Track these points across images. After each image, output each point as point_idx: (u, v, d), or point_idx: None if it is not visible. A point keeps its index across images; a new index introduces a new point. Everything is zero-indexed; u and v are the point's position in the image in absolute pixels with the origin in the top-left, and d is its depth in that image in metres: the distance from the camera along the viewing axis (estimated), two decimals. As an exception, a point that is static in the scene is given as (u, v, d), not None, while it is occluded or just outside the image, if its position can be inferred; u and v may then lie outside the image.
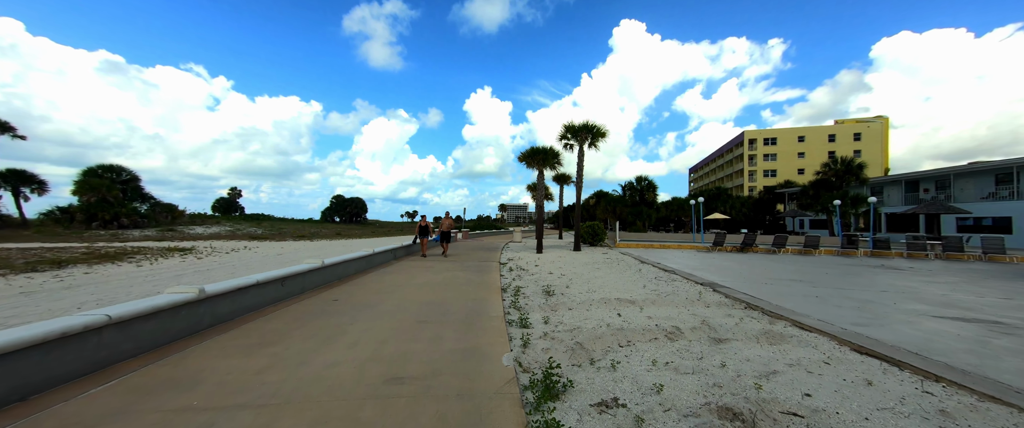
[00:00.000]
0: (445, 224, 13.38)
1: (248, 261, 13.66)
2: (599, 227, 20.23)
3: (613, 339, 4.34)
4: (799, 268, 11.65)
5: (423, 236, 12.93)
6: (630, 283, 8.30)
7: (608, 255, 15.21)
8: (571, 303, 6.31)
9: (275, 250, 18.67)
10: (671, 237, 27.11)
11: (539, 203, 17.81)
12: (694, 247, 18.84)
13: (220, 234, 31.90)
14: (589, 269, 10.81)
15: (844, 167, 32.09)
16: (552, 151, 17.36)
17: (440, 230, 13.52)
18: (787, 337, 4.38)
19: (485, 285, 7.76)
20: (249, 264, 12.62)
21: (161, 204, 35.13)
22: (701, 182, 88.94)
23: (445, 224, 13.38)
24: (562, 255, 15.26)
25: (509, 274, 9.82)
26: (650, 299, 6.52)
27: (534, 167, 17.87)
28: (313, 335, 4.31)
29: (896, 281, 9.17)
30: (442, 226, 13.35)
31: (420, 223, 12.97)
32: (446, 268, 10.31)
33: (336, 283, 7.74)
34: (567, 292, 7.31)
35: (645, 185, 39.15)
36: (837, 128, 57.79)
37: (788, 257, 15.11)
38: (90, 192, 27.88)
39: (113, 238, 24.31)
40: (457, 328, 4.64)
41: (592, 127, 17.29)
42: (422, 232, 12.94)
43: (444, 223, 13.42)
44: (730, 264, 12.61)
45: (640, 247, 19.10)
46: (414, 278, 8.58)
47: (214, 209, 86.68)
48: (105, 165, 32.76)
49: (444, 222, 13.47)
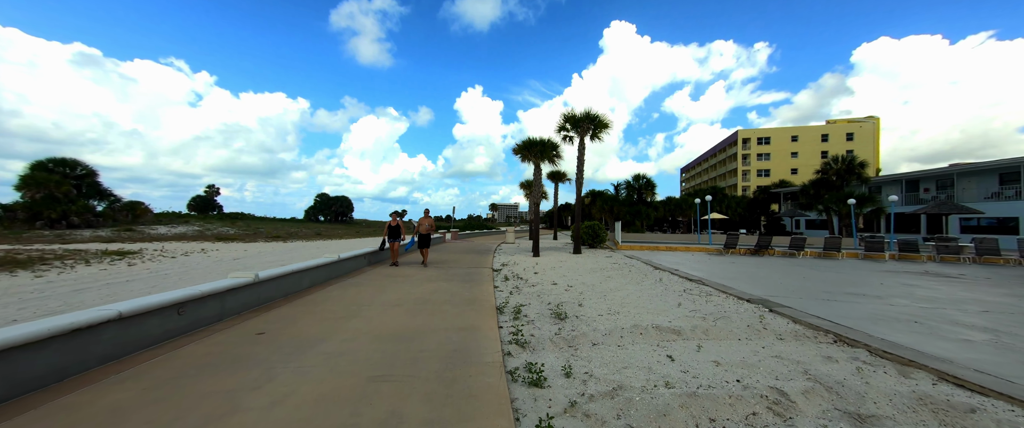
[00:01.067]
0: (424, 225, 10.69)
1: (191, 268, 11.57)
2: (599, 227, 18.61)
3: (688, 419, 2.61)
4: (840, 276, 10.17)
5: (393, 239, 10.29)
6: (657, 298, 6.62)
7: (613, 258, 13.57)
8: (594, 333, 4.58)
9: (236, 253, 16.53)
10: (673, 238, 25.71)
11: (535, 201, 16.09)
12: (702, 249, 17.36)
13: (186, 234, 29.35)
14: (599, 277, 9.12)
15: (845, 166, 31.22)
16: (550, 143, 15.64)
17: (418, 232, 10.82)
18: (972, 410, 2.72)
19: (475, 303, 5.98)
20: (190, 272, 10.55)
21: (122, 202, 32.26)
22: (693, 182, 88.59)
23: (424, 225, 10.69)
24: (562, 259, 13.56)
25: (505, 285, 8.05)
26: (698, 326, 4.83)
27: (529, 161, 16.14)
28: (175, 420, 2.48)
29: (982, 295, 7.70)
30: (420, 227, 10.72)
31: (390, 222, 10.41)
32: (427, 278, 8.48)
33: (278, 302, 5.85)
34: (583, 313, 5.58)
35: (643, 184, 37.76)
36: (830, 128, 57.63)
37: (810, 261, 13.70)
38: (36, 188, 25.08)
39: (56, 239, 21.74)
40: (429, 392, 2.86)
41: (595, 117, 15.63)
42: (392, 234, 10.31)
43: (422, 224, 10.72)
44: (755, 270, 11.08)
45: (645, 249, 17.55)
46: (384, 293, 6.74)
47: (190, 208, 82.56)
48: (57, 159, 29.77)
49: (422, 222, 10.78)
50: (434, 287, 7.38)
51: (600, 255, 15.09)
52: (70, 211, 25.30)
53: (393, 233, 10.41)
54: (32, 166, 28.07)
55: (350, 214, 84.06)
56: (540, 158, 15.55)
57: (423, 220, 10.84)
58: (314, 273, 7.34)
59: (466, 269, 10.20)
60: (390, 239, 10.39)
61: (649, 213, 33.52)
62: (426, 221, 10.79)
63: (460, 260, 12.29)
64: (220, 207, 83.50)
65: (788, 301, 6.59)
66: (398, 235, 10.38)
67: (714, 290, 7.39)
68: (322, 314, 5.27)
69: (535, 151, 15.31)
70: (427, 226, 10.73)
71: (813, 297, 7.07)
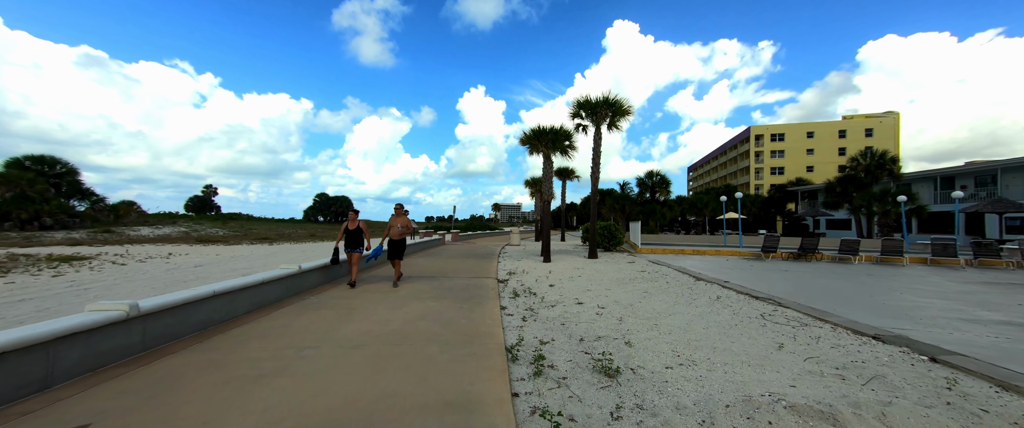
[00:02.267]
0: (396, 226, 7.45)
1: (129, 278, 9.66)
2: (616, 228, 16.61)
3: None
4: (943, 288, 8.13)
5: (351, 248, 7.19)
6: (737, 332, 4.64)
7: (637, 264, 11.57)
8: (681, 418, 2.61)
9: (207, 258, 14.67)
10: (692, 239, 23.68)
11: (545, 198, 14.10)
12: (734, 252, 15.32)
13: (169, 236, 27.60)
14: (633, 292, 7.14)
15: (875, 161, 29.08)
16: (562, 132, 13.66)
17: (387, 237, 7.69)
18: None
19: (475, 341, 4.02)
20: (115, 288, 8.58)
21: (104, 202, 30.55)
22: (701, 181, 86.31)
23: (396, 226, 7.45)
24: (578, 266, 11.58)
25: (515, 304, 6.09)
26: (850, 399, 2.86)
27: (538, 152, 14.18)
28: None
29: None
30: (390, 231, 7.52)
31: (346, 223, 7.25)
32: (410, 296, 6.53)
33: (175, 345, 3.91)
34: (640, 362, 3.62)
35: (657, 181, 35.57)
36: (848, 123, 55.26)
37: (871, 268, 11.65)
38: (5, 186, 23.39)
39: (25, 241, 19.99)
40: None
41: (614, 102, 13.64)
42: (350, 240, 7.18)
43: (394, 225, 7.48)
44: (821, 281, 9.07)
45: (667, 253, 15.54)
46: (347, 323, 4.79)
47: (187, 208, 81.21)
48: (34, 156, 28.05)
49: (394, 223, 7.51)
50: (421, 309, 5.43)
51: (620, 260, 13.09)
52: (43, 211, 23.57)
53: (353, 239, 7.21)
54: (7, 163, 26.40)
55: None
56: (551, 149, 13.58)
57: (395, 219, 7.56)
58: (259, 291, 5.40)
59: (465, 280, 8.25)
60: (348, 248, 7.19)
61: (664, 212, 31.40)
62: (399, 221, 7.50)
63: (459, 268, 10.33)
64: (218, 207, 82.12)
65: (938, 337, 4.59)
66: (360, 242, 7.27)
67: (809, 317, 5.39)
68: (231, 369, 3.32)
69: (545, 141, 13.34)
70: (401, 228, 7.44)
71: (967, 330, 5.05)
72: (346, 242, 7.25)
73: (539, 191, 30.02)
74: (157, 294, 5.77)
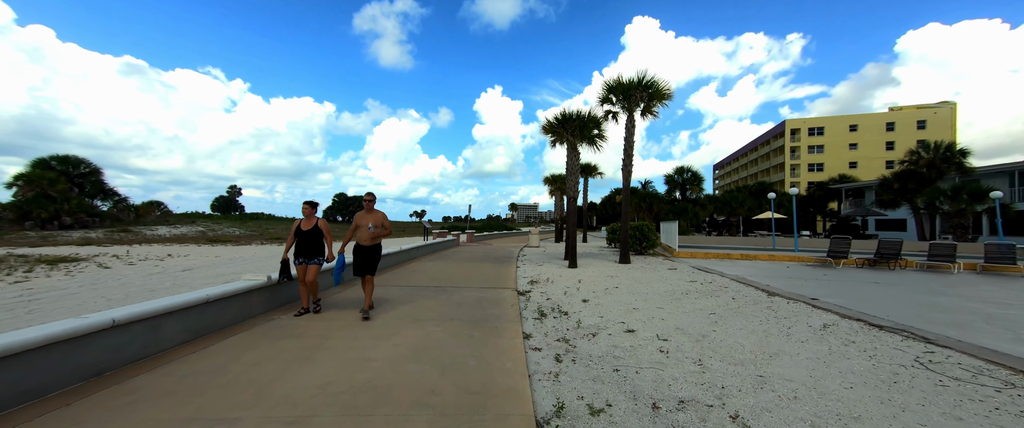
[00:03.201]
0: (364, 225, 5.05)
1: (95, 283, 8.61)
2: (649, 229, 14.76)
3: None
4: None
5: (306, 259, 4.88)
6: (914, 402, 2.91)
7: (682, 272, 9.76)
8: None
9: (208, 259, 13.77)
10: (731, 242, 21.46)
11: (571, 194, 12.43)
12: (793, 258, 13.21)
13: (185, 236, 27.45)
14: (700, 317, 5.43)
15: (940, 154, 25.83)
16: (591, 118, 11.97)
17: (349, 241, 5.30)
18: None
19: (486, 410, 2.46)
20: (94, 290, 7.52)
21: (126, 202, 30.82)
22: (727, 180, 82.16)
23: (364, 225, 5.05)
24: (611, 273, 9.88)
25: (540, 330, 4.51)
26: None
27: (563, 142, 12.53)
28: None
29: None
30: (356, 233, 5.10)
31: (298, 222, 4.98)
32: (404, 319, 5.05)
33: (48, 401, 2.52)
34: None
35: (688, 178, 33.06)
36: (896, 115, 50.82)
37: (978, 278, 9.45)
38: (27, 186, 23.64)
39: (41, 240, 19.88)
40: None
41: (650, 84, 11.84)
42: (304, 246, 4.90)
43: (362, 225, 5.05)
44: (943, 299, 7.08)
45: (710, 257, 13.59)
46: (304, 366, 3.33)
47: (213, 208, 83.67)
48: (59, 156, 28.46)
49: (362, 221, 5.07)
50: (416, 339, 3.93)
51: (658, 266, 11.29)
52: (63, 211, 23.64)
53: (307, 245, 4.89)
54: (33, 164, 26.79)
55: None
56: (578, 138, 11.89)
57: (364, 217, 5.08)
58: (185, 317, 4.02)
59: (478, 291, 6.72)
60: (300, 258, 4.87)
61: (697, 212, 29.02)
62: (370, 218, 5.06)
63: (471, 275, 8.83)
64: (242, 207, 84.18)
65: None
66: (317, 250, 4.92)
67: (1000, 369, 3.57)
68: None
69: (572, 128, 11.67)
70: (372, 230, 4.98)
71: None
72: (297, 249, 4.93)
73: (559, 188, 28.22)
74: (113, 305, 4.50)
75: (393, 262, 10.08)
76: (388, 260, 9.71)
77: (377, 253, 5.16)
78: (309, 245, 4.94)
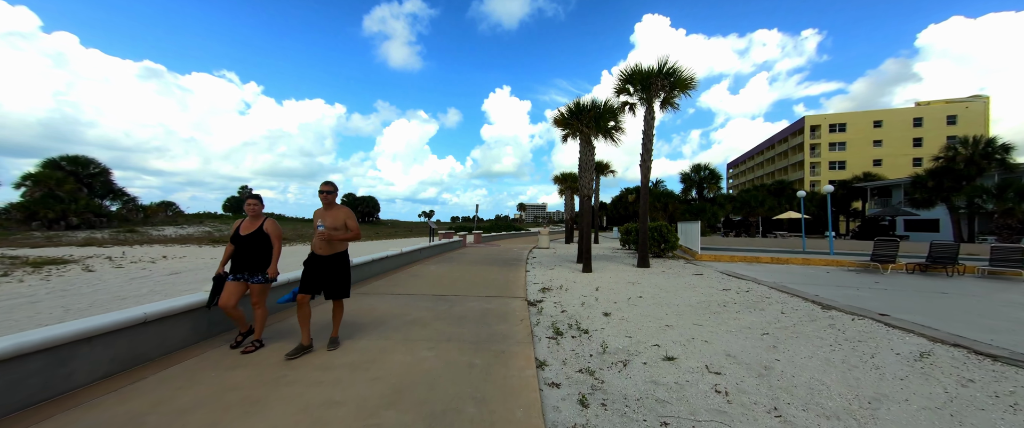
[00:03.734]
0: (321, 226, 3.51)
1: (77, 289, 7.99)
2: (669, 230, 13.73)
3: None
4: None
5: (244, 274, 3.59)
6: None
7: (710, 278, 8.75)
8: None
9: (202, 262, 13.19)
10: (752, 243, 20.23)
11: (584, 193, 11.48)
12: (831, 262, 12.04)
13: (192, 236, 27.24)
14: (751, 340, 4.47)
15: (980, 149, 24.13)
16: (607, 108, 11.00)
17: (315, 246, 3.62)
18: None
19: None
20: (62, 297, 6.86)
21: (135, 202, 30.81)
22: (742, 179, 79.90)
23: (321, 226, 3.51)
24: (632, 279, 8.91)
25: (559, 358, 3.62)
26: None
27: (576, 135, 11.60)
28: None
29: None
30: (316, 238, 3.59)
31: (237, 224, 3.69)
32: (391, 339, 4.21)
33: None
34: None
35: (705, 176, 31.71)
36: (924, 110, 48.42)
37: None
38: (34, 186, 23.67)
39: (46, 240, 19.70)
40: None
41: (672, 71, 10.83)
42: (242, 257, 3.59)
43: (322, 224, 3.53)
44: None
45: (734, 260, 12.49)
46: (249, 419, 2.48)
47: (225, 208, 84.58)
48: (69, 156, 28.60)
49: (323, 220, 3.55)
50: (401, 371, 3.06)
51: (681, 270, 10.28)
52: (70, 211, 23.54)
53: (247, 255, 3.61)
54: (43, 164, 26.89)
55: (376, 214, 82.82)
56: (593, 130, 10.94)
57: (323, 214, 3.61)
58: (108, 342, 3.23)
59: (483, 301, 5.86)
60: (235, 272, 3.63)
61: (716, 212, 27.72)
62: (330, 215, 3.60)
63: (477, 281, 7.96)
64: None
65: None
66: (260, 264, 3.62)
67: None
68: None
69: (586, 120, 10.72)
70: (324, 230, 3.51)
71: None
72: (234, 262, 3.66)
73: (570, 187, 27.17)
74: (70, 317, 3.80)
75: (389, 267, 9.27)
76: (384, 265, 8.90)
77: (341, 267, 3.60)
78: (250, 255, 3.59)
